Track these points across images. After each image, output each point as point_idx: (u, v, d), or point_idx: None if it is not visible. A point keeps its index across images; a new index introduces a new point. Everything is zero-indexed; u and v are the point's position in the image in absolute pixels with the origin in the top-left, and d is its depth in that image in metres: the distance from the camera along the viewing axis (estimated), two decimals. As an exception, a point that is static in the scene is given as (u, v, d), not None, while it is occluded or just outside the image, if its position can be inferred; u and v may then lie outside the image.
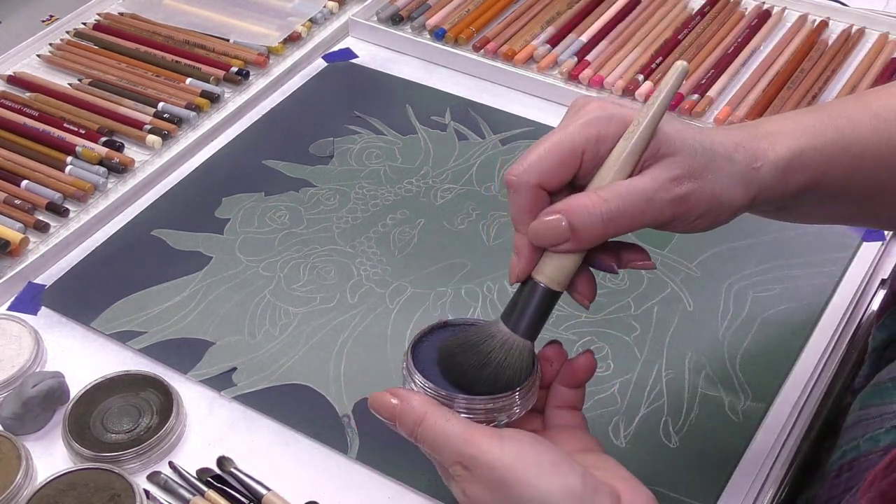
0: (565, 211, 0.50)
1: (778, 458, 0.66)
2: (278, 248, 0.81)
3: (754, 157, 0.53)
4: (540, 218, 0.51)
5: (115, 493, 0.63)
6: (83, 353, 0.74)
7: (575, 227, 0.50)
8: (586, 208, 0.50)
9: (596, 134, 0.51)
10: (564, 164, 0.51)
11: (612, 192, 0.50)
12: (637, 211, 0.50)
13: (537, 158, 0.51)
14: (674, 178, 0.51)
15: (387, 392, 0.53)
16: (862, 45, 1.00)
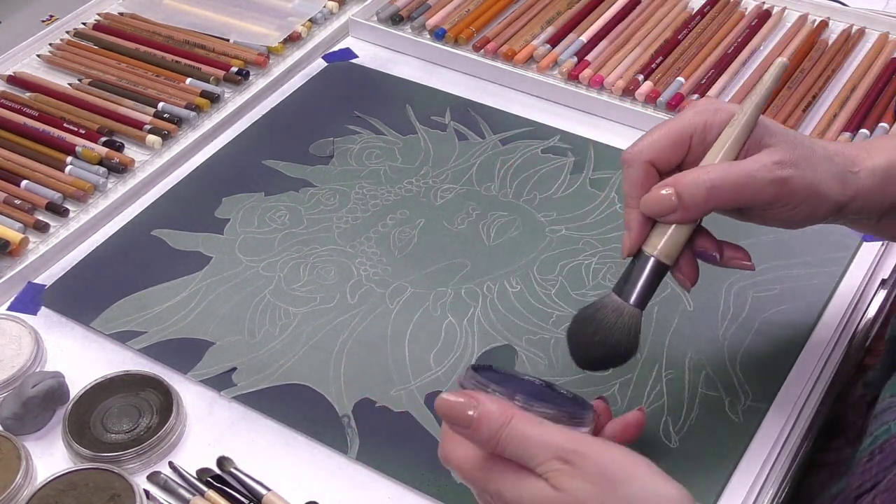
0: (674, 183, 0.56)
1: (778, 458, 0.66)
2: (278, 248, 0.81)
3: (853, 163, 0.58)
4: (651, 190, 0.57)
5: (115, 493, 0.63)
6: (83, 353, 0.74)
7: (682, 195, 0.55)
8: (693, 180, 0.55)
9: (704, 122, 0.57)
10: (675, 146, 0.57)
11: (717, 167, 0.56)
12: (739, 184, 0.55)
13: (651, 140, 0.58)
14: (776, 161, 0.56)
15: (459, 394, 0.52)
16: (862, 45, 1.00)
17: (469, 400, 0.51)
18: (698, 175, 0.55)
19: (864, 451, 0.58)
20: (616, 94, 0.95)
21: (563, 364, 0.71)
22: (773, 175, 0.55)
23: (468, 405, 0.50)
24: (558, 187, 0.85)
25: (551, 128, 0.92)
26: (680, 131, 0.57)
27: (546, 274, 0.78)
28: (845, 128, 0.88)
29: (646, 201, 0.57)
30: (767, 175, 0.55)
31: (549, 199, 0.84)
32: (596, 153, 0.89)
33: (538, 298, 0.76)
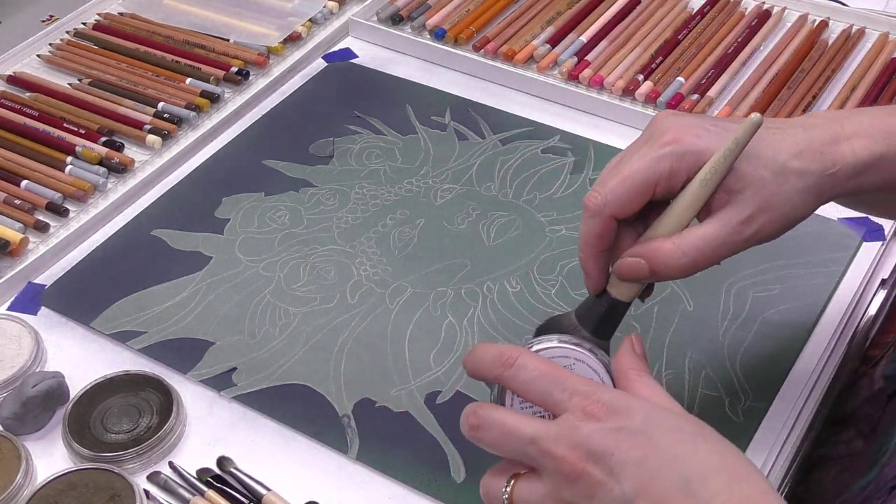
0: (647, 257, 0.55)
1: (778, 458, 0.66)
2: (278, 248, 0.81)
3: (832, 163, 0.56)
4: (625, 258, 0.56)
5: (115, 493, 0.63)
6: (83, 353, 0.74)
7: (656, 271, 0.55)
8: (666, 259, 0.55)
9: (669, 169, 0.54)
10: (639, 196, 0.55)
11: (689, 244, 0.55)
12: (712, 256, 0.55)
13: (614, 190, 0.55)
14: (743, 220, 0.55)
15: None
16: (862, 45, 1.00)
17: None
18: (672, 255, 0.55)
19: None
20: (616, 94, 0.95)
21: (563, 364, 0.71)
22: (743, 236, 0.55)
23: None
24: (558, 187, 0.85)
25: (551, 128, 0.92)
26: (645, 181, 0.55)
27: (546, 274, 0.78)
28: (845, 128, 0.88)
29: (619, 268, 0.57)
30: (738, 238, 0.55)
31: (549, 199, 0.84)
32: (596, 153, 0.89)
33: (538, 298, 0.76)
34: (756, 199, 0.55)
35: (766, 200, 0.55)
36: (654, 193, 0.55)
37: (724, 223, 0.55)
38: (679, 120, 0.56)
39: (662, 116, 0.57)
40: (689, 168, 0.55)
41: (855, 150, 0.56)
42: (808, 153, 0.56)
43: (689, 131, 0.55)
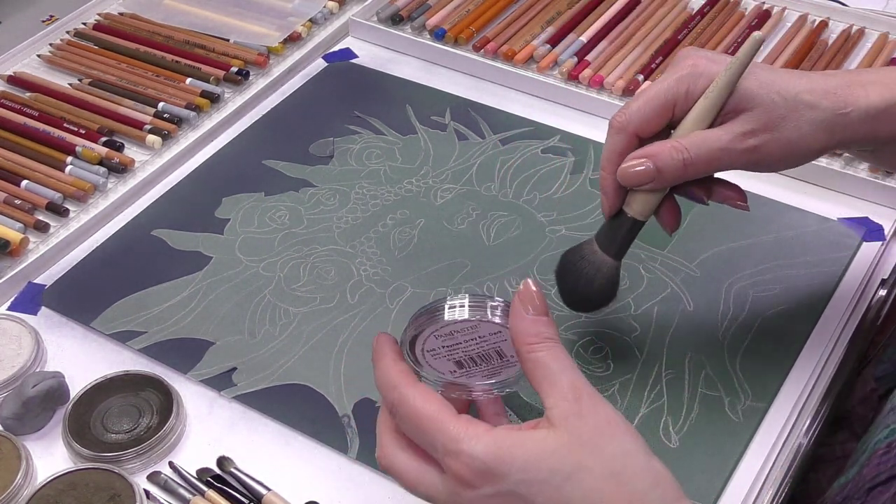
0: (650, 155, 0.59)
1: (778, 458, 0.66)
2: (278, 248, 0.81)
3: (844, 104, 0.58)
4: (627, 161, 0.60)
5: (115, 493, 0.63)
6: (83, 353, 0.74)
7: (659, 168, 0.59)
8: (668, 153, 0.58)
9: (686, 90, 0.59)
10: (659, 115, 0.60)
11: (691, 141, 0.59)
12: (713, 157, 0.59)
13: (637, 109, 0.60)
14: (746, 132, 0.58)
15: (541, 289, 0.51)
16: (862, 45, 1.00)
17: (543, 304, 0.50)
18: (674, 149, 0.58)
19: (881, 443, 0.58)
20: (616, 94, 0.95)
21: (563, 364, 0.71)
22: (742, 146, 0.58)
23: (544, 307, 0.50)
24: (558, 187, 0.85)
25: (551, 128, 0.92)
26: (664, 100, 0.59)
27: (546, 274, 0.78)
28: (845, 128, 0.88)
29: (624, 173, 0.60)
30: (738, 147, 0.58)
31: (549, 199, 0.84)
32: (596, 153, 0.89)
33: (538, 298, 0.76)
34: (764, 116, 0.58)
35: (772, 120, 0.58)
36: (673, 113, 0.60)
37: (728, 130, 0.58)
38: (698, 51, 0.61)
39: (685, 49, 0.62)
40: (703, 88, 0.59)
41: (869, 95, 0.58)
42: (821, 91, 0.58)
43: (706, 57, 0.60)
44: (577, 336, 0.73)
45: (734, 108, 0.59)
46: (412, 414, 0.49)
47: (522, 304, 0.50)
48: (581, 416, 0.47)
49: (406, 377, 0.51)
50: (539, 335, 0.49)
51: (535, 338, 0.49)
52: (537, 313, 0.50)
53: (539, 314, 0.50)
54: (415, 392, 0.50)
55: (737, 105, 0.59)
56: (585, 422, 0.47)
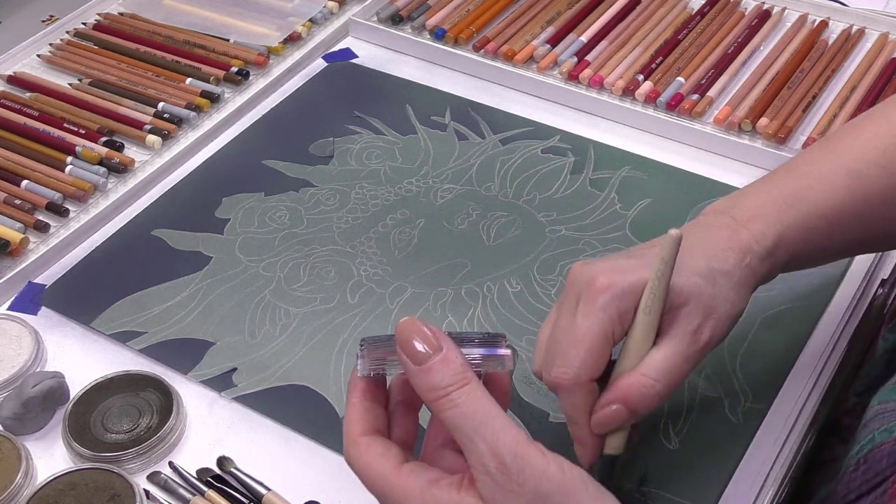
0: (623, 400, 0.54)
1: (778, 458, 0.66)
2: (278, 248, 0.81)
3: (742, 255, 0.57)
4: (601, 411, 0.54)
5: (115, 493, 0.63)
6: (83, 353, 0.74)
7: (635, 409, 0.54)
8: (641, 393, 0.54)
9: (618, 314, 0.54)
10: (603, 353, 0.54)
11: (656, 369, 0.54)
12: (679, 375, 0.55)
13: (581, 360, 0.54)
14: (695, 329, 0.55)
15: (424, 326, 0.47)
16: (862, 45, 1.00)
17: (436, 338, 0.47)
18: (645, 387, 0.54)
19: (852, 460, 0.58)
20: (616, 94, 0.95)
21: (563, 364, 0.71)
22: (699, 345, 0.55)
23: (433, 342, 0.46)
24: (558, 187, 0.85)
25: (551, 128, 0.92)
26: (603, 338, 0.54)
27: (546, 274, 0.78)
28: (845, 128, 0.88)
29: (600, 422, 0.54)
30: (696, 348, 0.55)
31: (549, 199, 0.84)
32: (596, 153, 0.89)
33: (538, 298, 0.76)
34: (699, 307, 0.55)
35: (708, 306, 0.55)
36: (613, 342, 0.55)
37: (680, 339, 0.54)
38: (596, 266, 0.56)
39: (577, 269, 0.56)
40: (633, 304, 0.54)
41: (757, 240, 0.58)
42: (721, 254, 0.57)
43: (612, 271, 0.55)
44: (577, 336, 0.73)
45: (669, 307, 0.55)
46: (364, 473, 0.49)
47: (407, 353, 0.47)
48: (508, 493, 0.45)
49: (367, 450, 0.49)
50: (435, 388, 0.46)
51: (434, 392, 0.46)
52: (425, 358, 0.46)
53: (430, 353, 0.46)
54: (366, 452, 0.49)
55: (670, 304, 0.54)
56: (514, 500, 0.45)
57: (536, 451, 0.46)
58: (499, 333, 0.51)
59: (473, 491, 0.46)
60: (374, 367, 0.50)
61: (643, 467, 0.64)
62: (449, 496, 0.46)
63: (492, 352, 0.50)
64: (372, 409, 0.50)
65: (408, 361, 0.47)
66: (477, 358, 0.49)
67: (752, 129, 0.89)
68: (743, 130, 0.90)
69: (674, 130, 0.90)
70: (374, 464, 0.48)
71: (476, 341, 0.50)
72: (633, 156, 0.88)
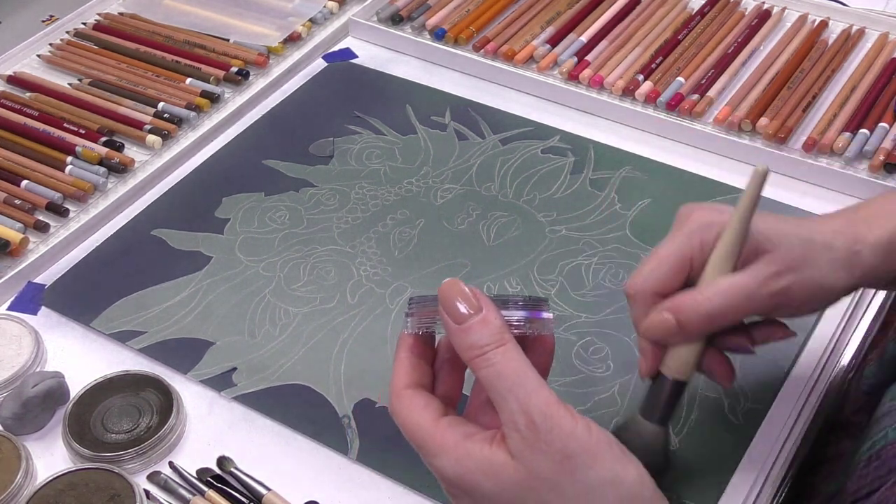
0: (672, 309, 0.55)
1: (778, 458, 0.66)
2: (278, 248, 0.81)
3: (854, 241, 0.57)
4: (651, 316, 0.56)
5: (115, 493, 0.63)
6: (83, 353, 0.74)
7: (682, 322, 0.55)
8: (691, 306, 0.55)
9: (699, 241, 0.56)
10: (675, 273, 0.56)
11: (715, 290, 0.55)
12: (739, 306, 0.55)
13: (650, 271, 0.57)
14: (773, 273, 0.55)
15: (466, 287, 0.48)
16: (862, 45, 1.00)
17: (476, 300, 0.48)
18: (696, 301, 0.55)
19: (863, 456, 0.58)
20: (616, 94, 0.95)
21: (562, 363, 0.71)
22: (771, 289, 0.55)
23: (474, 303, 0.48)
24: (558, 187, 0.85)
25: (551, 128, 0.92)
26: (679, 258, 0.56)
27: (546, 274, 0.78)
28: (845, 128, 0.88)
29: (648, 327, 0.56)
30: (765, 291, 0.55)
31: (549, 199, 0.84)
32: (596, 153, 0.89)
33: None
34: (786, 258, 0.55)
35: (795, 261, 0.55)
36: (691, 268, 0.56)
37: (753, 275, 0.55)
38: (700, 204, 0.59)
39: (686, 206, 0.59)
40: (717, 237, 0.56)
41: (873, 231, 0.57)
42: (830, 231, 0.57)
43: (711, 209, 0.58)
44: (577, 336, 0.73)
45: (753, 251, 0.56)
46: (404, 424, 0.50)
47: (449, 312, 0.48)
48: (536, 451, 0.46)
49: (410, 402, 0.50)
50: (473, 347, 0.48)
51: (472, 351, 0.48)
52: (465, 318, 0.48)
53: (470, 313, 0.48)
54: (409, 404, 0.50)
55: (756, 248, 0.56)
56: (541, 458, 0.46)
57: (566, 412, 0.47)
58: (541, 298, 0.52)
59: (504, 447, 0.48)
60: (422, 325, 0.51)
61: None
62: (481, 450, 0.48)
63: (535, 315, 0.50)
64: (418, 365, 0.52)
65: (449, 320, 0.48)
66: (520, 320, 0.50)
67: (752, 129, 0.89)
68: (743, 130, 0.90)
69: (674, 130, 0.90)
70: (414, 415, 0.50)
71: (519, 304, 0.51)
72: (633, 156, 0.88)
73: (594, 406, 0.68)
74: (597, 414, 0.68)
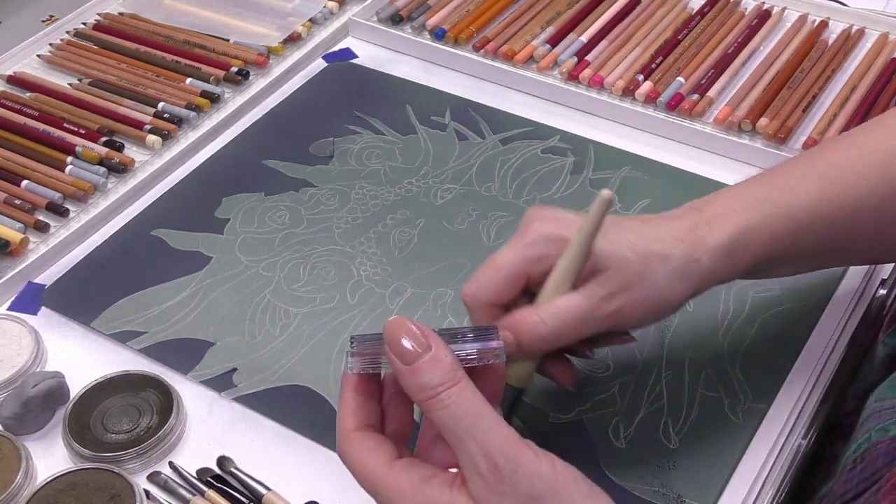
0: (511, 328, 0.55)
1: (778, 458, 0.66)
2: (278, 248, 0.81)
3: (693, 249, 0.56)
4: None
5: (115, 493, 0.63)
6: (83, 353, 0.74)
7: (520, 342, 0.55)
8: (528, 328, 0.55)
9: (538, 255, 0.56)
10: (510, 284, 0.56)
11: (550, 313, 0.55)
12: (574, 328, 0.55)
13: (486, 281, 0.56)
14: (605, 294, 0.55)
15: (412, 324, 0.47)
16: (862, 45, 1.00)
17: (424, 337, 0.46)
18: (533, 323, 0.54)
19: (849, 459, 0.58)
20: (616, 94, 0.95)
21: (563, 364, 0.71)
22: (604, 311, 0.55)
23: (422, 341, 0.46)
24: (558, 187, 0.85)
25: (551, 128, 0.92)
26: (516, 270, 0.56)
27: (546, 274, 0.78)
28: (845, 128, 0.88)
29: None
30: (599, 313, 0.55)
31: (549, 199, 0.84)
32: (596, 153, 0.89)
33: (538, 298, 0.76)
34: (619, 277, 0.55)
35: (628, 280, 0.55)
36: (528, 279, 0.56)
37: (587, 296, 0.55)
38: (545, 211, 0.58)
39: (532, 209, 0.58)
40: (557, 252, 0.55)
41: (714, 234, 0.57)
42: (670, 240, 0.56)
43: (555, 220, 0.57)
44: (577, 336, 0.73)
45: (591, 268, 0.55)
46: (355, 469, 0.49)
47: (395, 352, 0.47)
48: (501, 494, 0.45)
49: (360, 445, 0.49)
50: (424, 388, 0.46)
51: (424, 393, 0.46)
52: (414, 357, 0.46)
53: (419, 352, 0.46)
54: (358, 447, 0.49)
55: (593, 266, 0.55)
56: (505, 501, 0.45)
57: (528, 450, 0.46)
58: (490, 326, 0.51)
59: (465, 490, 0.46)
60: (366, 365, 0.50)
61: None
62: (441, 495, 0.46)
63: (485, 346, 0.50)
64: (364, 404, 0.50)
65: (396, 361, 0.47)
66: (470, 353, 0.49)
67: (752, 129, 0.89)
68: (743, 130, 0.90)
69: (674, 130, 0.90)
70: (365, 460, 0.48)
71: (469, 336, 0.50)
72: (633, 156, 0.88)
73: (594, 406, 0.68)
74: (596, 414, 0.68)
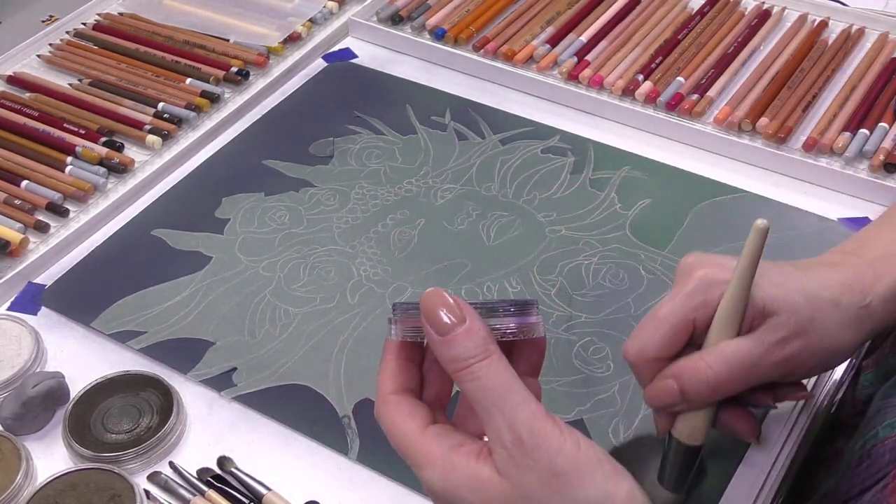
0: (675, 376, 0.54)
1: (778, 458, 0.66)
2: (278, 248, 0.81)
3: (863, 296, 0.54)
4: (654, 383, 0.54)
5: (115, 493, 0.63)
6: (83, 353, 0.74)
7: (685, 391, 0.53)
8: (694, 374, 0.53)
9: (702, 301, 0.54)
10: (676, 336, 0.54)
11: (718, 358, 0.53)
12: (743, 374, 0.53)
13: (650, 335, 0.54)
14: (778, 340, 0.53)
15: (449, 296, 0.46)
16: (862, 44, 1.00)
17: (460, 309, 0.46)
18: (699, 369, 0.53)
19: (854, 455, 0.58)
20: (616, 94, 0.95)
21: (562, 363, 0.71)
22: (776, 358, 0.53)
23: (458, 313, 0.46)
24: (558, 187, 0.85)
25: (551, 128, 0.92)
26: (681, 321, 0.54)
27: (546, 274, 0.78)
28: (845, 128, 0.88)
29: (652, 395, 0.54)
30: (771, 360, 0.53)
31: (549, 199, 0.84)
32: (596, 153, 0.89)
33: (538, 298, 0.76)
34: (791, 322, 0.53)
35: (800, 325, 0.53)
36: (694, 328, 0.54)
37: (758, 342, 0.53)
38: (701, 258, 0.56)
39: (689, 258, 0.56)
40: (720, 296, 0.54)
41: (882, 279, 0.55)
42: (837, 286, 0.55)
43: (714, 264, 0.55)
44: (578, 336, 0.73)
45: (759, 312, 0.53)
46: (390, 432, 0.49)
47: (431, 323, 0.46)
48: (522, 468, 0.45)
49: (395, 409, 0.49)
50: (457, 360, 0.46)
51: (456, 364, 0.46)
52: (448, 329, 0.46)
53: (454, 324, 0.46)
54: (394, 411, 0.49)
55: (760, 310, 0.53)
56: (528, 475, 0.45)
57: (554, 427, 0.46)
58: (528, 301, 0.50)
59: (490, 462, 0.46)
60: (407, 333, 0.49)
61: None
62: (467, 464, 0.47)
63: (524, 321, 0.49)
64: (405, 368, 0.50)
65: (431, 332, 0.46)
66: (511, 328, 0.48)
67: (752, 128, 0.89)
68: (743, 130, 0.90)
69: (674, 130, 0.90)
70: (400, 423, 0.48)
71: (509, 311, 0.49)
72: (633, 156, 0.88)
73: (594, 406, 0.68)
74: (597, 414, 0.68)
